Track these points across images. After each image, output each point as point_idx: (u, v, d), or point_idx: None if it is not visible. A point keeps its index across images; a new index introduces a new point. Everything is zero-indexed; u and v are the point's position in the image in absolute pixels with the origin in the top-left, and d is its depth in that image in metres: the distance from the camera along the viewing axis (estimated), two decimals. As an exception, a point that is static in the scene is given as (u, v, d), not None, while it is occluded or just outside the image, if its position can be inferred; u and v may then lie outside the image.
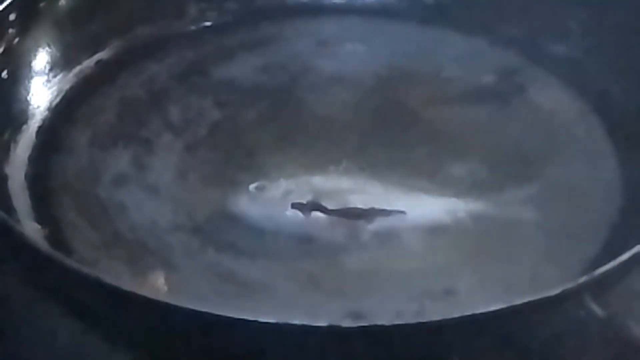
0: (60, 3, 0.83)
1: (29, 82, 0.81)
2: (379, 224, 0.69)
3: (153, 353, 0.60)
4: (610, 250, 0.64)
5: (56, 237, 0.68)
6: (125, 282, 0.60)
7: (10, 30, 0.79)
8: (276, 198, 0.70)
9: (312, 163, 0.74)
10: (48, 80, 0.82)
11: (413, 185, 0.72)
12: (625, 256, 0.58)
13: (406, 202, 0.70)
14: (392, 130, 0.77)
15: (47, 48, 0.82)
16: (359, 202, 0.70)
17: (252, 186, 0.71)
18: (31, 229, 0.68)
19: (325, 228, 0.69)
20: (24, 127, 0.78)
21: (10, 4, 0.78)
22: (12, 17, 0.79)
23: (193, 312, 0.53)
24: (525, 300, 0.54)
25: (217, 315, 0.53)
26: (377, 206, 0.69)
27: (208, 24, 0.91)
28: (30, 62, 0.81)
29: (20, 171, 0.74)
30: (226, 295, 0.64)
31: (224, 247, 0.68)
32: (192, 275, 0.66)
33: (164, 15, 0.89)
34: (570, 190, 0.72)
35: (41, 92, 0.81)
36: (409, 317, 0.61)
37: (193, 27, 0.90)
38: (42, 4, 0.82)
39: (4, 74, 0.78)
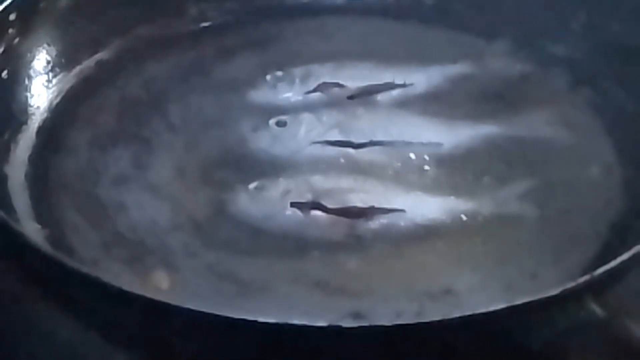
0: (60, 3, 0.83)
1: (29, 82, 0.81)
2: (378, 222, 0.69)
3: (153, 353, 0.60)
4: (610, 250, 0.64)
5: (56, 237, 0.68)
6: (125, 282, 0.60)
7: (10, 30, 0.79)
8: (276, 197, 0.70)
9: (312, 163, 0.74)
10: (48, 80, 0.82)
11: (412, 183, 0.72)
12: (625, 256, 0.58)
13: (406, 200, 0.70)
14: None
15: (47, 48, 0.82)
16: (358, 200, 0.70)
17: (251, 186, 0.72)
18: (31, 229, 0.68)
19: (325, 227, 0.69)
20: (24, 127, 0.78)
21: (10, 4, 0.78)
22: (12, 17, 0.79)
23: (193, 312, 0.54)
24: (525, 300, 0.54)
25: (217, 315, 0.53)
26: (376, 205, 0.69)
27: (208, 24, 0.91)
28: (30, 62, 0.81)
29: (20, 171, 0.74)
30: (226, 295, 0.64)
31: (224, 247, 0.68)
32: (192, 275, 0.66)
33: (164, 15, 0.89)
34: (570, 190, 0.72)
35: (41, 92, 0.81)
36: (409, 317, 0.61)
37: (193, 27, 0.90)
38: (42, 4, 0.82)
39: (4, 74, 0.78)
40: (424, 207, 0.70)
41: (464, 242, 0.68)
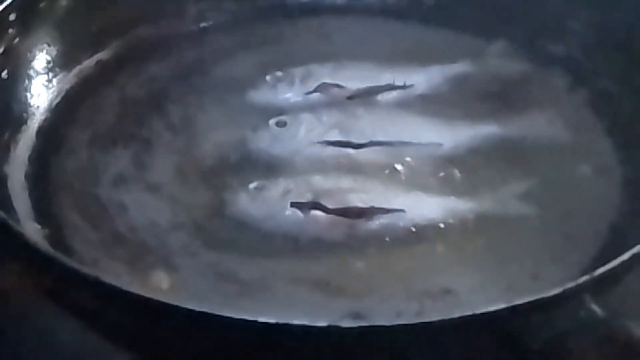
0: (60, 3, 0.84)
1: (29, 82, 0.81)
2: (378, 222, 0.69)
3: (153, 353, 0.60)
4: (610, 250, 0.64)
5: (56, 237, 0.68)
6: (125, 282, 0.60)
7: (10, 30, 0.79)
8: (276, 197, 0.70)
9: (312, 163, 0.74)
10: (48, 80, 0.82)
11: (412, 183, 0.72)
12: (625, 256, 0.58)
13: (406, 200, 0.70)
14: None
15: (47, 48, 0.82)
16: (358, 200, 0.70)
17: (251, 186, 0.71)
18: (31, 229, 0.68)
19: (325, 227, 0.69)
20: (24, 127, 0.78)
21: (10, 4, 0.78)
22: (12, 17, 0.79)
23: (193, 312, 0.54)
24: (525, 300, 0.54)
25: (217, 315, 0.53)
26: (376, 205, 0.69)
27: (208, 24, 0.91)
28: (30, 62, 0.81)
29: (20, 171, 0.74)
30: (226, 295, 0.65)
31: (224, 247, 0.68)
32: (192, 275, 0.66)
33: (164, 15, 0.89)
34: (570, 190, 0.72)
35: (41, 92, 0.81)
36: (409, 317, 0.61)
37: (193, 27, 0.90)
38: (42, 4, 0.82)
39: (4, 74, 0.78)
40: (424, 207, 0.70)
41: (464, 242, 0.68)
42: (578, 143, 0.77)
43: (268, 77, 0.83)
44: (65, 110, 0.81)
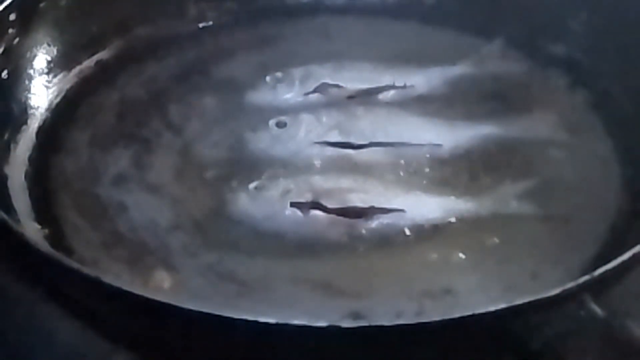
0: (60, 3, 0.84)
1: (29, 82, 0.81)
2: (378, 222, 0.69)
3: (153, 353, 0.60)
4: (610, 250, 0.64)
5: (56, 237, 0.68)
6: (125, 282, 0.60)
7: (10, 30, 0.79)
8: (275, 197, 0.70)
9: (312, 163, 0.74)
10: (48, 80, 0.82)
11: (412, 183, 0.72)
12: (625, 256, 0.58)
13: (406, 200, 0.70)
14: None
15: (47, 48, 0.82)
16: (358, 200, 0.70)
17: (251, 186, 0.72)
18: (31, 229, 0.68)
19: (325, 227, 0.69)
20: (24, 127, 0.78)
21: (10, 4, 0.78)
22: (12, 17, 0.79)
23: (193, 312, 0.54)
24: (525, 300, 0.54)
25: (217, 315, 0.53)
26: (376, 205, 0.69)
27: (208, 24, 0.91)
28: (30, 62, 0.81)
29: (20, 171, 0.74)
30: (226, 295, 0.65)
31: (224, 247, 0.68)
32: (192, 275, 0.66)
33: (164, 15, 0.89)
34: (570, 190, 0.72)
35: (41, 92, 0.81)
36: (409, 317, 0.61)
37: (193, 27, 0.90)
38: (42, 4, 0.82)
39: (4, 74, 0.78)
40: (424, 207, 0.70)
41: (464, 242, 0.68)
42: (578, 143, 0.77)
43: (268, 78, 0.83)
44: (65, 110, 0.81)
